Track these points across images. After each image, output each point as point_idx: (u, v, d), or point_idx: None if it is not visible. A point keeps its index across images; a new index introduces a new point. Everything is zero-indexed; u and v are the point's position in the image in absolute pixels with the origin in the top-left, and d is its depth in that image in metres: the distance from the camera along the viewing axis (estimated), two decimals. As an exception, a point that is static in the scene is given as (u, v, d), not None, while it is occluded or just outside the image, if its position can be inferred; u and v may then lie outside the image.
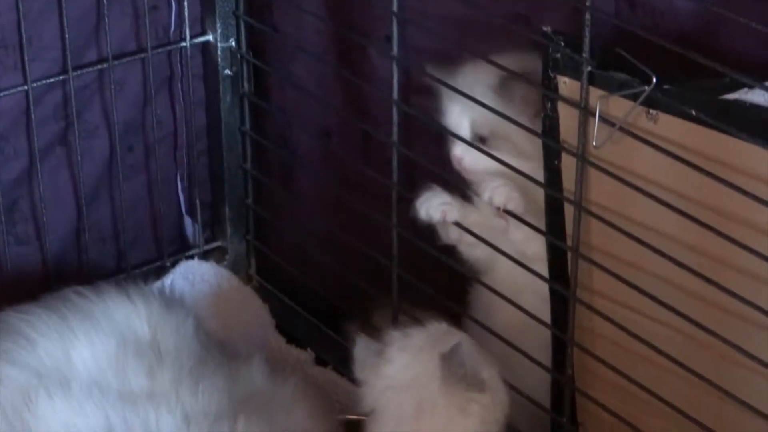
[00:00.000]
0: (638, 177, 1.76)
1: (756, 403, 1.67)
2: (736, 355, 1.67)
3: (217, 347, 2.07)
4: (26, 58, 2.21)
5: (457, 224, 2.05)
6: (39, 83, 2.24)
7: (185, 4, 2.35)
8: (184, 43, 2.38)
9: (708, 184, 1.66)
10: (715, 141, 1.67)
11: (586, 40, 1.76)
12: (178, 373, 1.88)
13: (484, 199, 1.99)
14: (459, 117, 2.04)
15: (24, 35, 2.19)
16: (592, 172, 1.82)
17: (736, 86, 1.65)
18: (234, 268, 2.52)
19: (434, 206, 2.06)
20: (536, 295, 1.99)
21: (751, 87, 1.63)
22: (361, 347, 1.92)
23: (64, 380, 1.81)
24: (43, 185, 2.30)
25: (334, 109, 2.32)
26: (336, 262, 2.33)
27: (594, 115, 1.77)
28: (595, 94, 1.77)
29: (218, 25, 2.37)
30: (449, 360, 1.84)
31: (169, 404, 1.80)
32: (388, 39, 2.08)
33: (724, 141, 1.66)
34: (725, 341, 1.67)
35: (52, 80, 2.26)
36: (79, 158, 2.33)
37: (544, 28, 1.82)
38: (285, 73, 2.37)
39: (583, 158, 1.82)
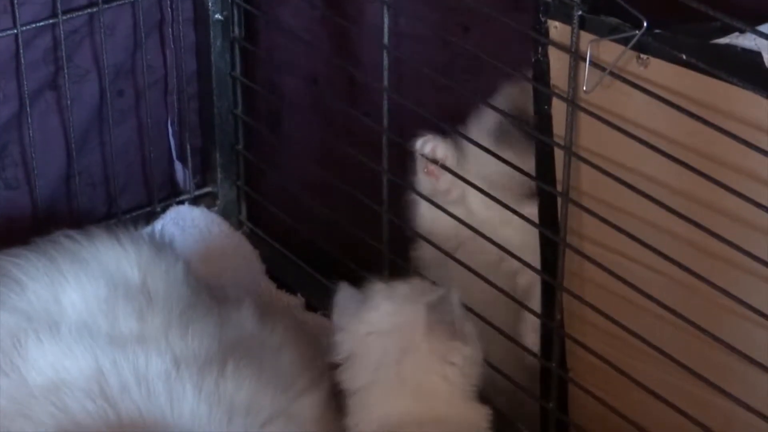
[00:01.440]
0: (629, 122, 1.75)
1: (744, 347, 1.68)
2: (725, 301, 1.67)
3: (207, 292, 2.07)
4: (15, 1, 2.20)
5: (451, 171, 2.04)
6: (28, 27, 2.23)
7: (176, -53, 2.34)
8: (174, -13, 2.38)
9: (699, 128, 1.65)
10: (706, 85, 1.67)
11: (577, -18, 1.76)
12: (168, 317, 1.88)
13: (417, 147, 2.00)
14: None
15: (12, -24, 2.19)
16: (583, 117, 1.82)
17: (727, 30, 1.65)
18: (224, 214, 2.52)
19: (439, 145, 2.06)
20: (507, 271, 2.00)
21: (742, 31, 1.63)
22: (344, 295, 1.92)
23: (53, 323, 1.81)
24: (33, 129, 2.30)
25: (323, 54, 2.31)
26: (326, 208, 2.33)
27: (584, 60, 1.77)
28: (585, 38, 1.77)
29: (208, -33, 2.37)
30: (435, 309, 1.85)
31: (159, 348, 1.80)
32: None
33: (715, 85, 1.65)
34: (715, 286, 1.67)
35: (41, 24, 2.25)
36: (69, 102, 2.32)
37: (537, -27, 1.82)
38: (274, 17, 2.36)
39: (573, 103, 1.81)
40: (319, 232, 2.36)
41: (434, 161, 2.03)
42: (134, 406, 1.66)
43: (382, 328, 1.88)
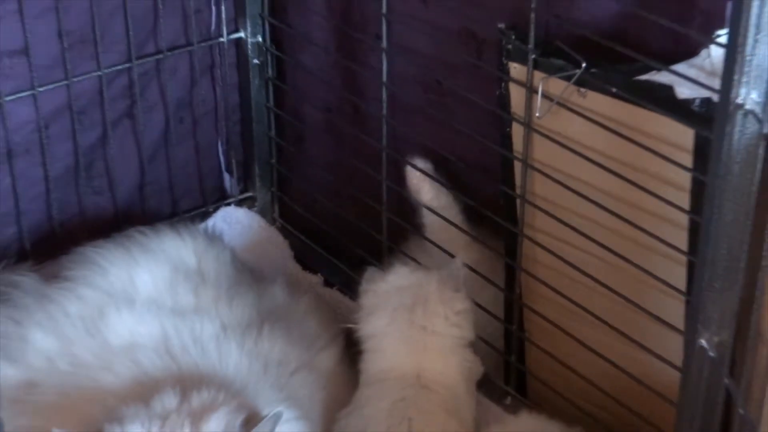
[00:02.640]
0: (572, 140, 1.75)
1: (658, 313, 1.68)
2: (645, 277, 1.67)
3: (248, 273, 2.07)
4: (99, 50, 2.19)
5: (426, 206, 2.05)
6: (109, 69, 2.22)
7: (222, 7, 2.32)
8: (222, 39, 2.36)
9: (625, 145, 1.65)
10: (631, 112, 1.67)
11: (532, 34, 1.75)
12: (217, 293, 1.88)
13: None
14: None
15: (97, 32, 2.17)
16: (536, 137, 1.82)
17: (647, 69, 1.65)
18: (262, 213, 2.51)
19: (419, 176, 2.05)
20: None
21: (658, 70, 1.63)
22: (371, 272, 1.91)
23: (128, 298, 1.81)
24: (113, 149, 2.29)
25: (335, 89, 2.31)
26: (339, 208, 2.32)
27: (537, 93, 1.77)
28: (538, 76, 1.77)
29: (248, 24, 2.35)
30: (445, 273, 1.85)
31: (210, 316, 1.79)
32: (378, 37, 2.07)
33: (638, 112, 1.65)
34: (637, 266, 1.67)
35: (119, 67, 2.24)
36: (142, 128, 2.31)
37: (499, 25, 1.81)
38: (299, 61, 2.36)
39: (529, 126, 1.81)
40: (334, 226, 2.35)
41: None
42: (192, 361, 1.66)
43: (399, 284, 1.87)
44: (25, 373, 1.70)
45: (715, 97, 1.38)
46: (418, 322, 1.82)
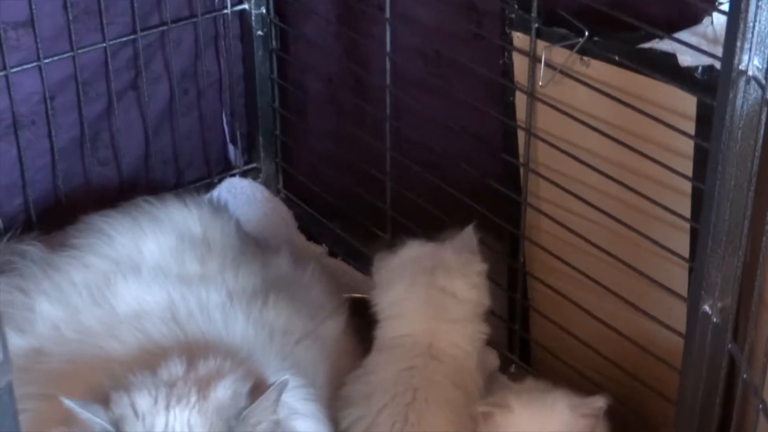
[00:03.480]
0: (574, 109, 1.75)
1: (665, 282, 1.68)
2: (647, 244, 1.67)
3: (253, 242, 2.06)
4: (104, 22, 2.18)
5: None
6: (114, 41, 2.21)
7: (226, -21, 2.33)
8: (226, 11, 2.35)
9: (628, 113, 1.65)
10: (634, 80, 1.66)
11: (534, 3, 1.75)
12: (223, 262, 1.87)
13: None
14: None
15: (102, 4, 2.16)
16: (539, 106, 1.81)
17: (650, 37, 1.64)
18: (266, 184, 2.51)
19: None
20: None
21: (661, 38, 1.62)
22: (381, 254, 1.90)
23: (135, 267, 1.80)
24: (118, 120, 2.28)
25: (336, 59, 2.30)
26: (343, 178, 2.32)
27: (540, 62, 1.76)
28: (541, 45, 1.77)
29: (252, -5, 2.36)
30: (458, 241, 1.84)
31: (216, 285, 1.79)
32: (381, 8, 2.06)
33: (640, 80, 1.65)
34: (641, 234, 1.67)
35: (124, 39, 2.23)
36: (147, 99, 2.31)
37: (502, -5, 1.81)
38: (301, 32, 2.35)
39: (532, 95, 1.81)
40: (338, 197, 2.35)
41: None
42: (198, 329, 1.65)
43: (414, 254, 1.85)
44: (32, 341, 1.70)
45: (718, 65, 1.39)
46: (438, 284, 1.80)
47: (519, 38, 1.80)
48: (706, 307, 1.45)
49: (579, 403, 1.64)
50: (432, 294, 1.80)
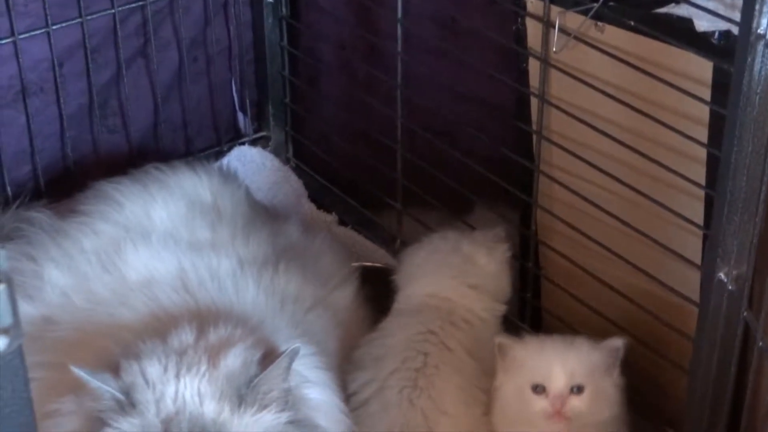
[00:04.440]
0: (589, 75, 1.73)
1: (680, 251, 1.66)
2: (664, 214, 1.66)
3: (263, 210, 2.06)
4: (113, -13, 2.18)
5: None
6: (123, 8, 2.20)
7: (236, -55, 2.31)
8: (235, -23, 2.35)
9: (644, 79, 1.64)
10: (650, 46, 1.65)
11: (549, -32, 1.73)
12: (234, 229, 1.86)
13: None
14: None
15: (112, -30, 2.16)
16: (553, 72, 1.80)
17: (665, 2, 1.62)
18: (276, 152, 2.50)
19: None
20: None
21: (677, 2, 1.60)
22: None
23: (145, 233, 1.79)
24: (127, 87, 2.27)
25: (348, 27, 2.29)
26: (354, 147, 2.31)
27: (554, 27, 1.74)
28: (555, 10, 1.75)
29: (262, -39, 2.34)
30: (492, 232, 1.87)
31: (227, 252, 1.78)
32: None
33: (656, 45, 1.63)
34: (656, 202, 1.66)
35: (133, 5, 2.22)
36: (156, 66, 2.29)
37: (516, -40, 1.79)
38: (312, -1, 2.34)
39: (545, 61, 1.79)
40: (349, 165, 2.34)
41: None
42: (209, 296, 1.64)
43: (441, 237, 1.88)
44: (41, 309, 1.69)
45: (735, 30, 1.37)
46: (462, 250, 1.83)
47: (533, 3, 1.79)
48: (722, 275, 1.44)
49: (599, 341, 1.63)
50: (454, 258, 1.82)
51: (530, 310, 2.02)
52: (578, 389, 1.60)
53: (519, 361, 1.64)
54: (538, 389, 1.60)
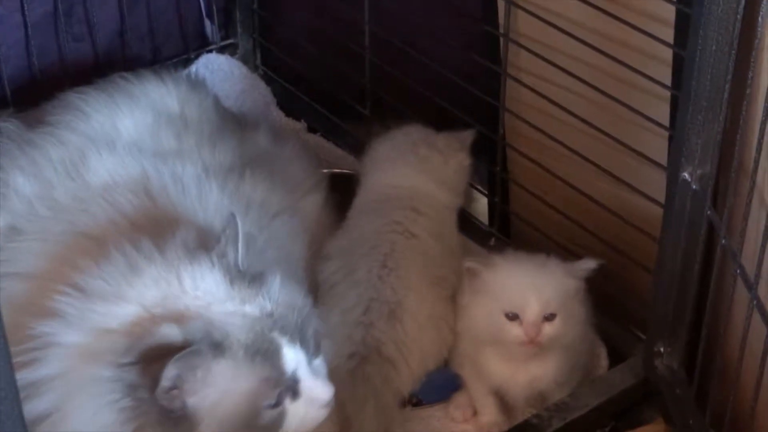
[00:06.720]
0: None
1: (645, 152, 1.66)
2: (630, 116, 1.65)
3: (232, 118, 2.03)
4: None
5: None
6: None
7: None
8: None
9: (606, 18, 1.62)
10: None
11: None
12: (200, 137, 1.84)
13: None
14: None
15: None
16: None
17: None
18: (244, 60, 2.47)
19: None
20: None
21: None
22: None
23: (110, 142, 1.77)
24: (93, -6, 2.23)
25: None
26: (322, 53, 2.28)
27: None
28: None
29: None
30: (457, 135, 1.92)
31: (192, 159, 1.76)
32: None
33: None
34: (621, 103, 1.65)
35: None
36: (121, -28, 2.25)
37: None
38: None
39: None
40: (317, 72, 2.31)
41: None
42: (169, 201, 1.62)
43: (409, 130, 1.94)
44: (7, 218, 1.67)
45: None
46: (420, 153, 1.88)
47: None
48: (686, 175, 1.44)
49: (571, 264, 1.63)
50: (415, 149, 1.89)
51: (499, 215, 2.01)
52: (551, 316, 1.60)
53: (490, 285, 1.63)
54: (511, 316, 1.60)
